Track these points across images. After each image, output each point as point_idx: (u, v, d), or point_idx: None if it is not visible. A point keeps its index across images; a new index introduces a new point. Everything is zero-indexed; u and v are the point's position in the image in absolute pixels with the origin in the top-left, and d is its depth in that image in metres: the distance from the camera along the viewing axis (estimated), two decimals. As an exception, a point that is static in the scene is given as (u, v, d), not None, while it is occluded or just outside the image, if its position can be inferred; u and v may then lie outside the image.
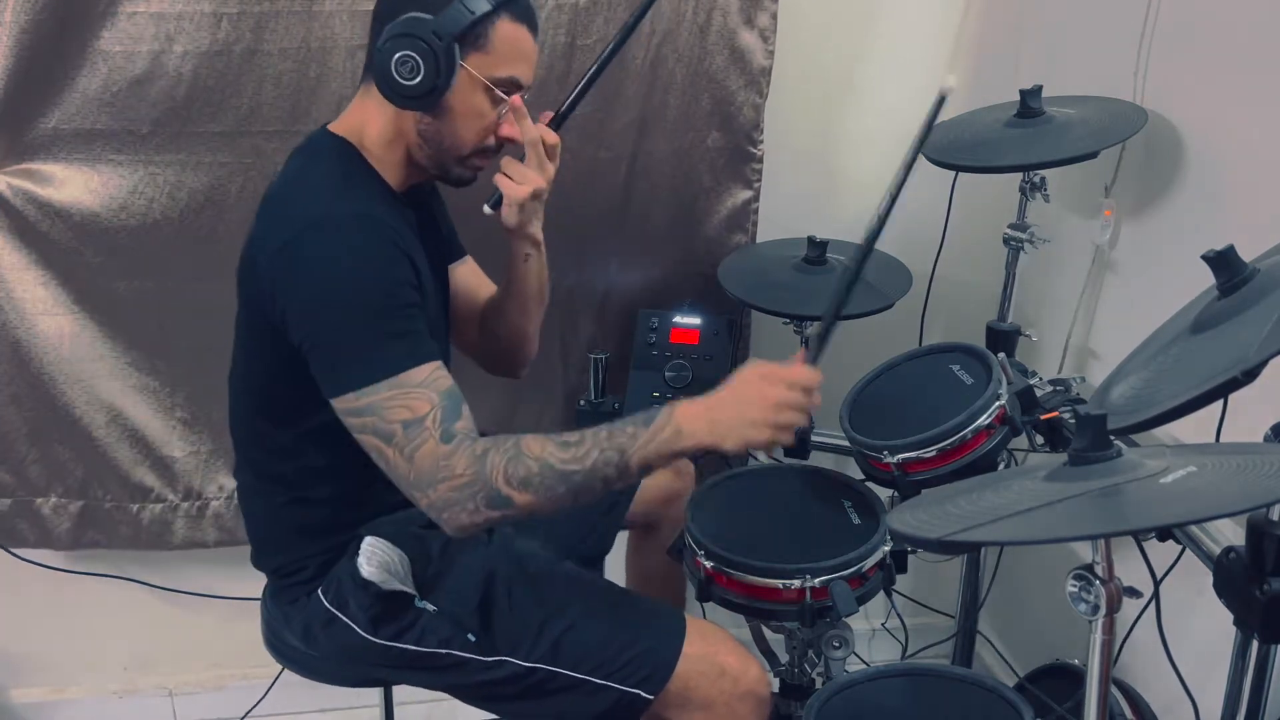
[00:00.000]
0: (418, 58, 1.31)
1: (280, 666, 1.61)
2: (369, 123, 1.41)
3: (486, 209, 1.52)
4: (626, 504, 1.77)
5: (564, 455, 1.30)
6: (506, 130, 1.42)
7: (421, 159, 1.42)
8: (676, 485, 1.81)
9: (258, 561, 1.55)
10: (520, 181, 1.47)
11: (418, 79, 1.32)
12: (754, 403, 1.34)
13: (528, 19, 1.39)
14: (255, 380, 1.45)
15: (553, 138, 1.48)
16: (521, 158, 1.46)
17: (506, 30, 1.36)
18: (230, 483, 2.05)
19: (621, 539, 1.88)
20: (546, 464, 1.29)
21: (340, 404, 1.29)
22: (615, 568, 1.94)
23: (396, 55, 1.31)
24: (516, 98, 1.42)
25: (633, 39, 1.86)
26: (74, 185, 1.84)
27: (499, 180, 1.48)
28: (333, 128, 1.43)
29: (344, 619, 1.46)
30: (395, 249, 1.32)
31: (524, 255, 1.58)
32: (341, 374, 1.29)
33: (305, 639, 1.51)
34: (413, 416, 1.27)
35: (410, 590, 1.46)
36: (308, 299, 1.30)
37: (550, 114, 1.51)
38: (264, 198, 1.42)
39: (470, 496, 1.28)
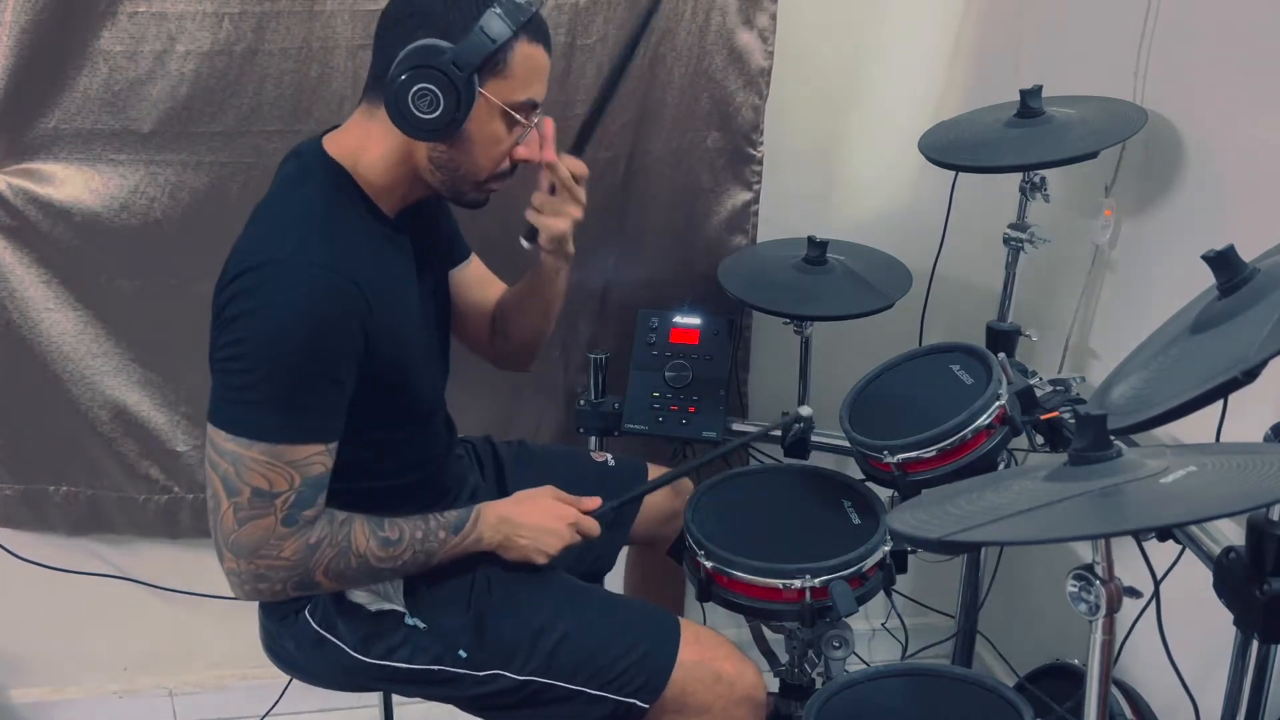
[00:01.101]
0: (437, 91, 1.25)
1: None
2: (369, 147, 1.35)
3: (524, 244, 1.52)
4: (629, 523, 1.76)
5: (381, 554, 1.37)
6: (523, 153, 1.39)
7: (434, 184, 1.38)
8: (676, 504, 1.80)
9: None
10: (556, 215, 1.47)
11: (437, 112, 1.26)
12: (542, 537, 1.49)
13: (543, 37, 1.34)
14: None
15: (581, 169, 1.47)
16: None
17: (524, 52, 1.31)
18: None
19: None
20: (364, 561, 1.35)
21: (211, 431, 1.27)
22: (613, 571, 1.95)
23: (414, 89, 1.25)
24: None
25: (631, 38, 1.87)
26: (74, 185, 1.84)
27: (534, 218, 1.48)
28: (328, 146, 1.36)
29: (333, 640, 1.46)
30: (343, 314, 1.27)
31: (557, 269, 1.59)
32: (228, 411, 1.26)
33: (299, 652, 1.50)
34: (267, 489, 1.26)
35: (400, 608, 1.46)
36: (237, 331, 1.25)
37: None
38: (253, 212, 1.38)
39: (284, 579, 1.31)
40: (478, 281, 1.70)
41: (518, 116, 1.34)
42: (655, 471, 1.82)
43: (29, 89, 1.76)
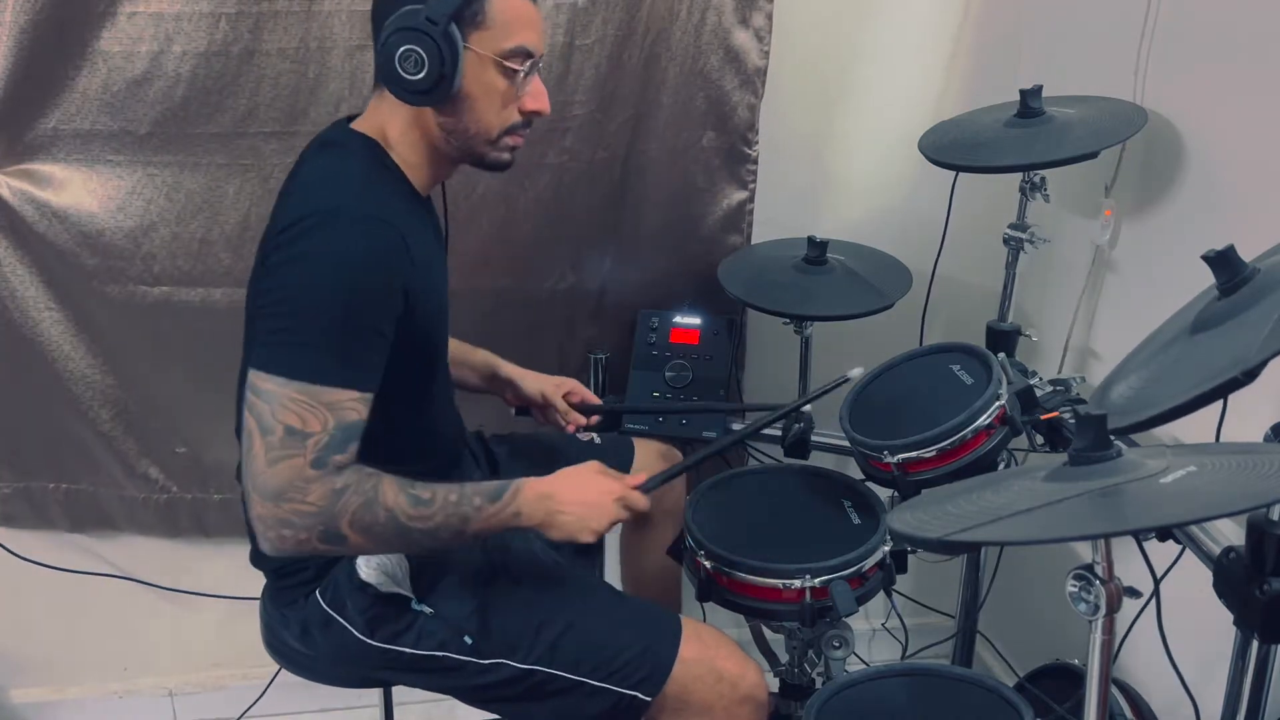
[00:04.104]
0: (419, 50, 1.29)
1: (279, 666, 1.61)
2: (389, 126, 1.39)
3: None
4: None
5: (412, 512, 1.31)
6: (530, 104, 1.40)
7: (451, 152, 1.41)
8: (674, 515, 1.79)
9: (257, 561, 1.55)
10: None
11: (424, 71, 1.30)
12: (590, 513, 1.42)
13: None
14: None
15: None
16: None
17: (503, 1, 1.34)
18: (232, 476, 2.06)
19: (614, 543, 1.88)
20: (394, 517, 1.30)
21: (251, 375, 1.27)
22: (612, 570, 1.95)
23: (399, 52, 1.29)
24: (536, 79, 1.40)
25: (627, 37, 1.88)
26: (73, 186, 1.84)
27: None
28: (356, 126, 1.41)
29: (341, 621, 1.46)
30: (389, 269, 1.30)
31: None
32: (269, 353, 1.27)
33: (303, 640, 1.50)
34: (300, 428, 1.25)
35: (408, 593, 1.46)
36: (285, 275, 1.28)
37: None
38: (283, 191, 1.40)
39: (309, 527, 1.27)
40: None
41: (510, 65, 1.36)
42: (641, 446, 1.82)
43: (28, 89, 1.76)
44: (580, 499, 1.42)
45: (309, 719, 2.25)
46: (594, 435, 1.81)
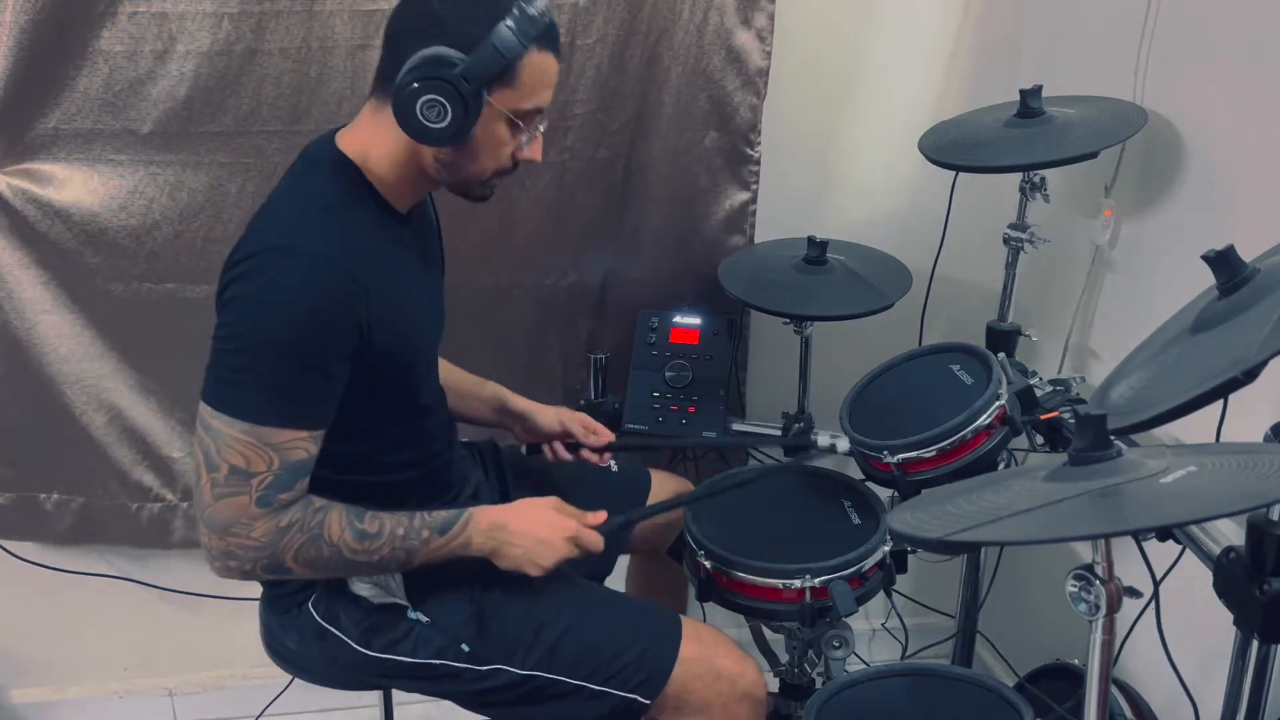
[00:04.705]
0: (445, 103, 1.25)
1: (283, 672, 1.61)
2: (377, 143, 1.35)
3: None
4: (629, 538, 1.76)
5: (357, 546, 1.34)
6: (526, 155, 1.39)
7: (439, 180, 1.39)
8: (674, 516, 1.80)
9: None
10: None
11: (444, 123, 1.27)
12: (538, 549, 1.42)
13: (553, 44, 1.33)
14: None
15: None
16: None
17: (535, 62, 1.30)
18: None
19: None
20: (338, 552, 1.33)
21: (202, 407, 1.28)
22: (614, 572, 1.94)
23: (423, 99, 1.25)
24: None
25: (629, 37, 1.88)
26: (74, 185, 1.84)
27: None
28: (341, 142, 1.38)
29: (336, 633, 1.46)
30: (342, 307, 1.28)
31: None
32: (216, 389, 1.28)
33: (301, 646, 1.50)
34: (244, 468, 1.27)
35: (403, 602, 1.46)
36: (236, 312, 1.27)
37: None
38: (261, 208, 1.39)
39: (253, 559, 1.31)
40: None
41: (521, 124, 1.35)
42: (658, 477, 1.81)
43: (29, 89, 1.76)
44: (531, 533, 1.43)
45: (309, 719, 2.25)
46: (611, 462, 1.79)
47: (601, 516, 1.50)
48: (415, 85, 1.25)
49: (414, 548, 1.37)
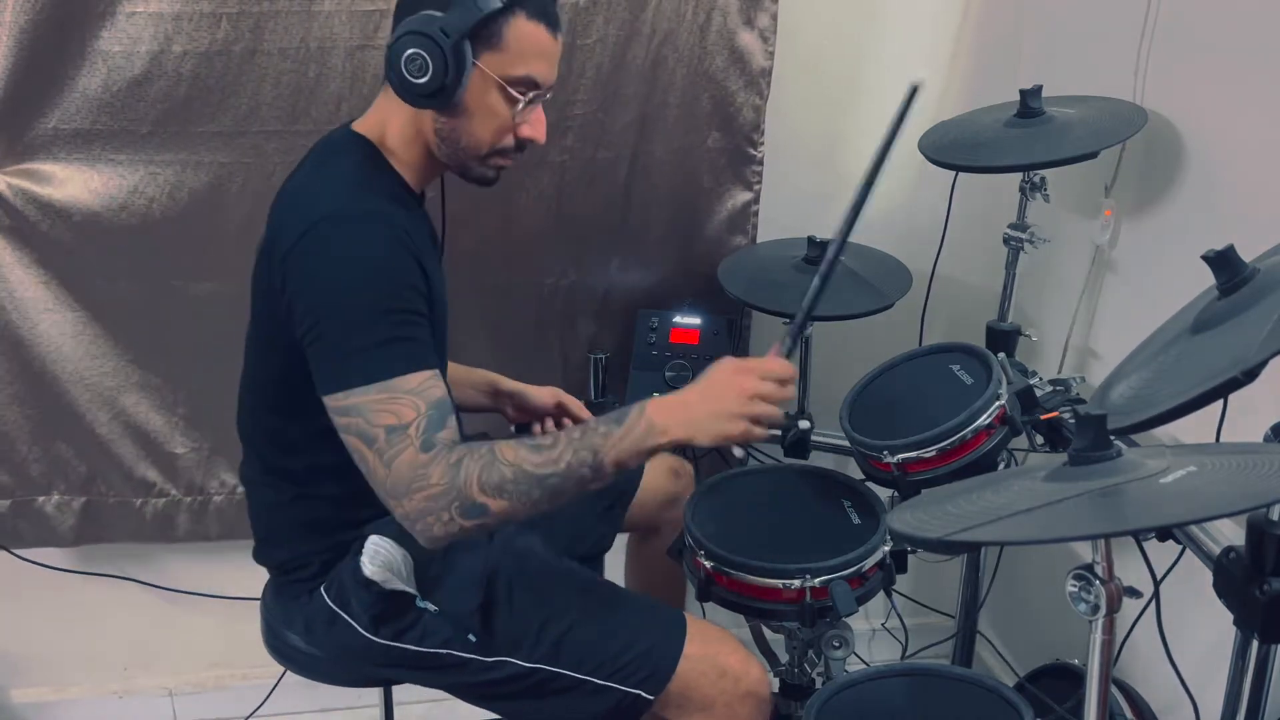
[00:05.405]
0: (425, 55, 1.30)
1: (280, 667, 1.61)
2: (389, 122, 1.41)
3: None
4: (625, 505, 1.77)
5: (538, 459, 1.29)
6: (527, 132, 1.41)
7: (442, 157, 1.42)
8: (675, 488, 1.81)
9: (260, 556, 1.55)
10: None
11: (426, 77, 1.31)
12: (727, 396, 1.33)
13: (545, 17, 1.37)
14: (268, 375, 1.45)
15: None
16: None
17: (522, 28, 1.34)
18: (232, 479, 2.06)
19: (620, 542, 1.88)
20: (521, 469, 1.28)
21: (330, 401, 1.29)
22: (615, 571, 1.95)
23: (405, 53, 1.31)
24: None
25: (631, 38, 1.88)
26: (74, 185, 1.84)
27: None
28: (356, 126, 1.44)
29: (345, 618, 1.47)
30: (406, 252, 1.32)
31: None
32: (335, 372, 1.29)
33: (307, 637, 1.51)
34: (397, 423, 1.26)
35: (412, 590, 1.46)
36: (315, 293, 1.30)
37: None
38: (280, 192, 1.42)
39: (445, 506, 1.26)
40: None
41: (514, 91, 1.36)
42: (651, 462, 1.81)
43: (28, 89, 1.76)
44: (710, 390, 1.35)
45: (309, 719, 2.25)
46: None
47: (774, 350, 1.42)
48: (398, 42, 1.31)
49: (596, 444, 1.30)
